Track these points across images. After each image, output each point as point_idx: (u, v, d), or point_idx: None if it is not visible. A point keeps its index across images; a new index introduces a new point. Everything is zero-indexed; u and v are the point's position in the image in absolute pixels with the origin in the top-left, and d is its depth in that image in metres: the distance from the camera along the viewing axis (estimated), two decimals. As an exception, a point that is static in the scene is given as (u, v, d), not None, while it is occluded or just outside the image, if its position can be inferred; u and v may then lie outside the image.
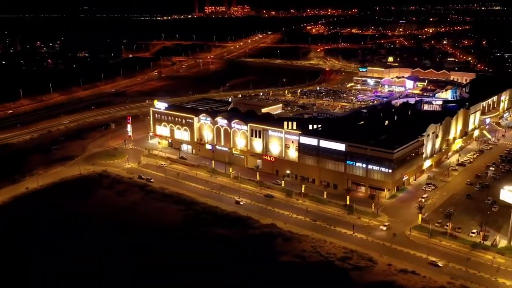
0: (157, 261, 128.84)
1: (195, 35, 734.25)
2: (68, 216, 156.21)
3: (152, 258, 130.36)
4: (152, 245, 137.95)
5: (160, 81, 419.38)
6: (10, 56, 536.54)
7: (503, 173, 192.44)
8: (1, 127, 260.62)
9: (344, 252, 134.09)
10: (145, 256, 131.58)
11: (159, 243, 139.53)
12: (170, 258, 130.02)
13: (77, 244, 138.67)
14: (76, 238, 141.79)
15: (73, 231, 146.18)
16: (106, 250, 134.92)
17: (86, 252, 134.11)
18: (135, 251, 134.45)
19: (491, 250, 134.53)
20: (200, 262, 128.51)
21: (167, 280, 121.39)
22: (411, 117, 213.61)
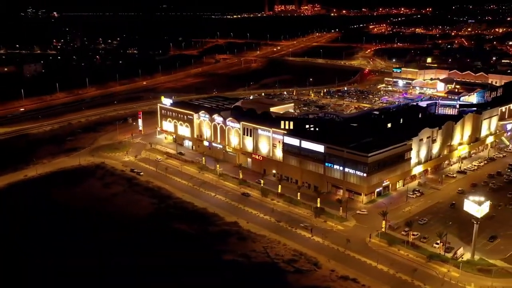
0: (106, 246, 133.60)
1: (249, 34, 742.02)
2: (47, 204, 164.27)
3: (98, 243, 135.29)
4: (111, 236, 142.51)
5: (195, 78, 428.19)
6: (67, 52, 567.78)
7: (504, 183, 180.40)
8: (26, 118, 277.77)
9: (293, 255, 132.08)
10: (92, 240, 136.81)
11: (119, 234, 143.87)
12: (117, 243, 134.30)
13: (39, 230, 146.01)
14: (42, 225, 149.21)
15: (44, 219, 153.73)
16: (70, 238, 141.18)
17: (49, 238, 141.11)
18: (95, 241, 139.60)
19: (450, 262, 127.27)
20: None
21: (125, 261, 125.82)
22: (419, 120, 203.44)
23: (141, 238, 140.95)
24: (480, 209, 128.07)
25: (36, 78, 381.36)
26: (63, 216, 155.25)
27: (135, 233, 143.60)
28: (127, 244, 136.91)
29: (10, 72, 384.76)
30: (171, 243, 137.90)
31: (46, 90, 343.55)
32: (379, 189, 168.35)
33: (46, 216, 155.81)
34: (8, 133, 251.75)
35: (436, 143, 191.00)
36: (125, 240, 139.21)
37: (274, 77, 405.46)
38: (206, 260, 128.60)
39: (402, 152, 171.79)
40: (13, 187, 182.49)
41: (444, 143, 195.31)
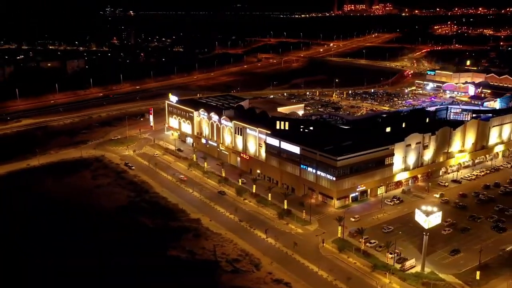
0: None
1: (305, 33, 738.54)
2: (30, 194, 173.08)
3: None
4: (76, 226, 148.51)
5: (230, 76, 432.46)
6: (117, 49, 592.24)
7: (498, 195, 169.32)
8: (51, 111, 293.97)
9: (239, 255, 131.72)
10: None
11: (85, 224, 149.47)
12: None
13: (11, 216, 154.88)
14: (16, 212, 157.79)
15: (21, 207, 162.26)
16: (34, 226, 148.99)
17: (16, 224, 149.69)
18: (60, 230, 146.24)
19: (396, 274, 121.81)
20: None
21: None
22: (423, 125, 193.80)
23: (102, 230, 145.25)
24: (428, 220, 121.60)
25: (77, 73, 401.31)
26: (40, 206, 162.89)
27: (98, 225, 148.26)
28: (87, 236, 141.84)
29: (54, 67, 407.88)
30: (126, 236, 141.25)
31: (83, 85, 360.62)
32: (354, 194, 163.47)
33: (24, 204, 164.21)
34: (31, 124, 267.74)
35: (429, 150, 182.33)
36: (86, 232, 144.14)
37: (307, 77, 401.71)
38: (149, 254, 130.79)
39: (381, 157, 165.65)
40: (11, 175, 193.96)
41: (440, 149, 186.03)
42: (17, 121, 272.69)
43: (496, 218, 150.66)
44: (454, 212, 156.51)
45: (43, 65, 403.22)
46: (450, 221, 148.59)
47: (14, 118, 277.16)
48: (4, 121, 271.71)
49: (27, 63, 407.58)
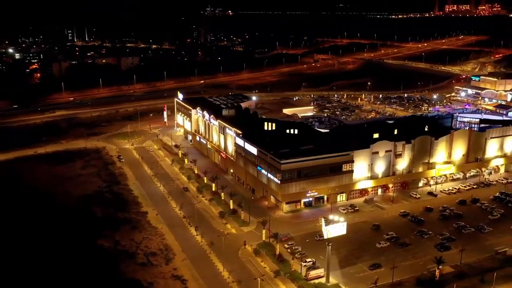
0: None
1: (376, 34, 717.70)
2: (15, 179, 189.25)
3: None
4: (31, 210, 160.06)
5: (275, 77, 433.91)
6: (180, 47, 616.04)
7: (470, 212, 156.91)
8: (88, 105, 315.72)
9: (159, 249, 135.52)
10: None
11: (38, 210, 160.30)
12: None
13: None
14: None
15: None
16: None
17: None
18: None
19: (297, 282, 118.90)
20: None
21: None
22: (419, 133, 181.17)
23: (50, 217, 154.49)
24: (327, 230, 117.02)
25: (131, 70, 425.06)
26: (15, 190, 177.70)
27: (50, 212, 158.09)
28: (30, 220, 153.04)
29: (108, 63, 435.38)
30: (66, 224, 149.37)
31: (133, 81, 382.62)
32: (307, 200, 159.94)
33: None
34: (62, 115, 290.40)
35: (403, 159, 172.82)
36: (34, 217, 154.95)
37: (353, 79, 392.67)
38: (77, 242, 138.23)
39: (337, 163, 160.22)
40: (17, 160, 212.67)
41: (419, 159, 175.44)
42: (51, 112, 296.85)
43: (446, 236, 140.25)
44: (405, 226, 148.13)
45: (98, 62, 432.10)
46: (393, 234, 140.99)
47: (54, 109, 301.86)
48: (40, 112, 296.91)
49: (83, 59, 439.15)
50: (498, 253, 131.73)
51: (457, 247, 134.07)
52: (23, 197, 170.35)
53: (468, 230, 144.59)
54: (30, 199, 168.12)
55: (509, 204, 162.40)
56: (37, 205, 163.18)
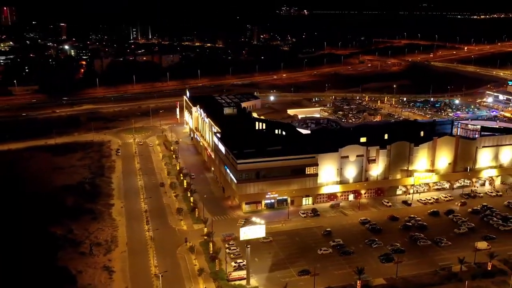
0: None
1: (437, 35, 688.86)
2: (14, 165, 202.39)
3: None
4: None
5: (312, 77, 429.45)
6: (229, 46, 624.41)
7: (437, 224, 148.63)
8: (108, 100, 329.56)
9: (105, 240, 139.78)
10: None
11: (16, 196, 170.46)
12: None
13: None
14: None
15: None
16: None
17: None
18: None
19: (219, 282, 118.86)
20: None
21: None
22: (410, 138, 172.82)
23: (21, 203, 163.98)
24: (244, 232, 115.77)
25: (171, 67, 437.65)
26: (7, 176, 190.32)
27: (23, 198, 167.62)
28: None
29: (149, 61, 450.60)
30: (35, 210, 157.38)
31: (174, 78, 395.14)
32: (269, 201, 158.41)
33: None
34: (87, 109, 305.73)
35: (378, 164, 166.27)
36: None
37: (387, 82, 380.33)
38: (29, 227, 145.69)
39: (300, 166, 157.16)
40: (27, 148, 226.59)
41: (396, 166, 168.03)
42: (79, 105, 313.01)
43: (396, 247, 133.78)
44: (360, 234, 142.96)
45: (139, 59, 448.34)
46: (339, 241, 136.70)
47: (82, 103, 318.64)
48: (70, 105, 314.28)
49: (125, 56, 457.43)
50: (443, 269, 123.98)
51: (402, 259, 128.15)
52: (7, 182, 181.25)
53: (423, 242, 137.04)
54: (13, 185, 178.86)
55: (485, 218, 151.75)
56: (15, 190, 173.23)
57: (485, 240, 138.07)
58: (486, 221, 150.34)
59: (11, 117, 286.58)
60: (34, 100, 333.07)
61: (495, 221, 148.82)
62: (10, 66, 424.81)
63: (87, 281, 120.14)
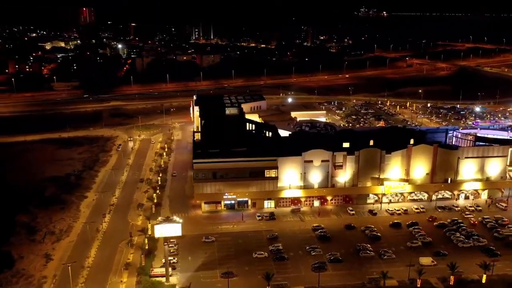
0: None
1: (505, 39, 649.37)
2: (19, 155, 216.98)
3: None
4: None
5: (347, 80, 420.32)
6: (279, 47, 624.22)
7: (394, 235, 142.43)
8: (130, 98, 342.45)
9: (60, 230, 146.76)
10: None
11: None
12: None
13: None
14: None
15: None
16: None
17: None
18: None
19: (141, 276, 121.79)
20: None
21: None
22: (396, 145, 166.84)
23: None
24: (159, 230, 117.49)
25: (211, 67, 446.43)
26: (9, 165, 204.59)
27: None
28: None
29: (189, 60, 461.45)
30: (9, 198, 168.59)
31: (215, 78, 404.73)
32: (229, 202, 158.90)
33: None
34: (113, 105, 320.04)
35: (345, 171, 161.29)
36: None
37: (425, 87, 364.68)
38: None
39: (259, 168, 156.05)
40: (42, 140, 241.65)
41: (367, 173, 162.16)
42: (107, 102, 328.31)
43: (335, 257, 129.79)
44: (306, 240, 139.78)
45: (180, 59, 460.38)
46: (278, 246, 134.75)
47: (110, 100, 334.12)
48: (100, 101, 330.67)
49: (167, 56, 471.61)
50: (370, 282, 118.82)
51: (337, 269, 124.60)
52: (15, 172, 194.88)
53: (366, 253, 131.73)
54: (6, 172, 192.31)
55: (447, 233, 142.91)
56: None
57: (436, 256, 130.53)
58: (447, 236, 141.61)
59: (41, 111, 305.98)
60: (64, 95, 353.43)
61: (456, 237, 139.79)
62: (61, 63, 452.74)
63: (23, 266, 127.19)
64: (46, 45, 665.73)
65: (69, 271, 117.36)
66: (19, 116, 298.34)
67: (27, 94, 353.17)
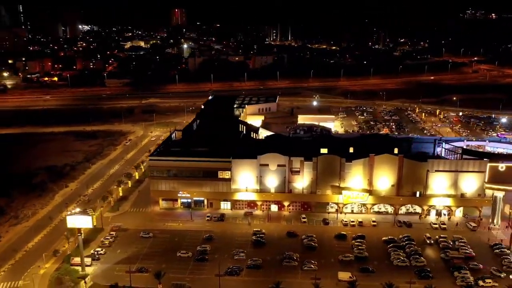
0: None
1: None
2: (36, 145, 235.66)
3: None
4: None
5: (399, 85, 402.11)
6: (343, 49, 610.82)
7: (332, 246, 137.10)
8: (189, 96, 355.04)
9: (25, 215, 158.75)
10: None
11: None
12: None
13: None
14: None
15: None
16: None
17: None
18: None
19: (61, 264, 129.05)
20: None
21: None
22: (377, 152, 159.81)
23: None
24: (71, 220, 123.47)
25: (263, 68, 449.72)
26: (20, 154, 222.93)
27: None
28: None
29: (241, 61, 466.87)
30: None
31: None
32: (186, 200, 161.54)
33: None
34: (150, 103, 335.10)
35: (303, 177, 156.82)
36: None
37: (475, 94, 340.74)
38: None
39: (212, 169, 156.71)
40: (65, 133, 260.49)
41: (325, 181, 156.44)
42: (146, 99, 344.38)
43: (254, 264, 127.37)
44: (239, 244, 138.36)
45: (232, 59, 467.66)
46: (206, 248, 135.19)
47: (149, 97, 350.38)
48: (139, 98, 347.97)
49: (219, 56, 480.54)
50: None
51: (252, 276, 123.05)
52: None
53: (288, 262, 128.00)
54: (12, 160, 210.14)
55: (389, 249, 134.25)
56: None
57: (362, 272, 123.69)
58: (388, 253, 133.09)
59: (82, 106, 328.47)
60: (108, 92, 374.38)
61: (395, 254, 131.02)
62: (121, 61, 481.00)
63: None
64: (126, 44, 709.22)
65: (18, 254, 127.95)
66: (62, 109, 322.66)
67: (80, 89, 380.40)
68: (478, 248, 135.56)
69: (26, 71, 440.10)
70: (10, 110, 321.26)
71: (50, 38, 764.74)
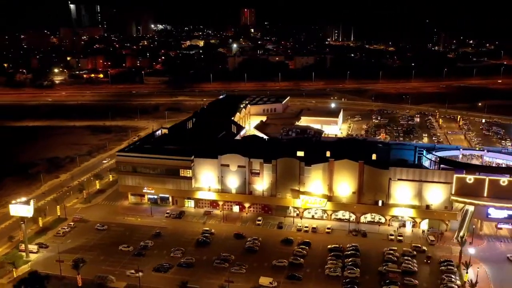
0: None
1: None
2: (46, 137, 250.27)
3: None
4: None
5: (436, 89, 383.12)
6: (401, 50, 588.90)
7: (275, 251, 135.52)
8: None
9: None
10: None
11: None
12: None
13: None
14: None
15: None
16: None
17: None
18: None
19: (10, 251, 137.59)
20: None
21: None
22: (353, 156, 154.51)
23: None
24: (14, 208, 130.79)
25: (304, 69, 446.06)
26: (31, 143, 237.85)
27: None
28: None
29: (281, 61, 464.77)
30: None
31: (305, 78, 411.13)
32: (153, 197, 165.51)
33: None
34: (176, 100, 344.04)
35: (262, 179, 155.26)
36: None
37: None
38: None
39: (175, 167, 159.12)
40: (85, 127, 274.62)
41: (285, 184, 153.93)
42: (175, 97, 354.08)
43: (186, 262, 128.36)
44: (184, 242, 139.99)
45: (272, 59, 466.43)
46: (149, 243, 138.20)
47: (178, 95, 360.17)
48: (169, 95, 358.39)
49: (259, 56, 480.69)
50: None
51: (180, 274, 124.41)
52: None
53: (220, 264, 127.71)
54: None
55: (328, 257, 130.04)
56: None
57: (289, 279, 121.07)
58: (325, 262, 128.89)
59: (113, 101, 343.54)
60: (143, 89, 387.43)
61: (331, 263, 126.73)
62: (169, 59, 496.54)
63: None
64: (185, 43, 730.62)
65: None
66: (94, 104, 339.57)
67: (119, 86, 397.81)
68: (425, 263, 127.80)
69: (78, 68, 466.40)
70: (49, 104, 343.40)
71: (121, 37, 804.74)
